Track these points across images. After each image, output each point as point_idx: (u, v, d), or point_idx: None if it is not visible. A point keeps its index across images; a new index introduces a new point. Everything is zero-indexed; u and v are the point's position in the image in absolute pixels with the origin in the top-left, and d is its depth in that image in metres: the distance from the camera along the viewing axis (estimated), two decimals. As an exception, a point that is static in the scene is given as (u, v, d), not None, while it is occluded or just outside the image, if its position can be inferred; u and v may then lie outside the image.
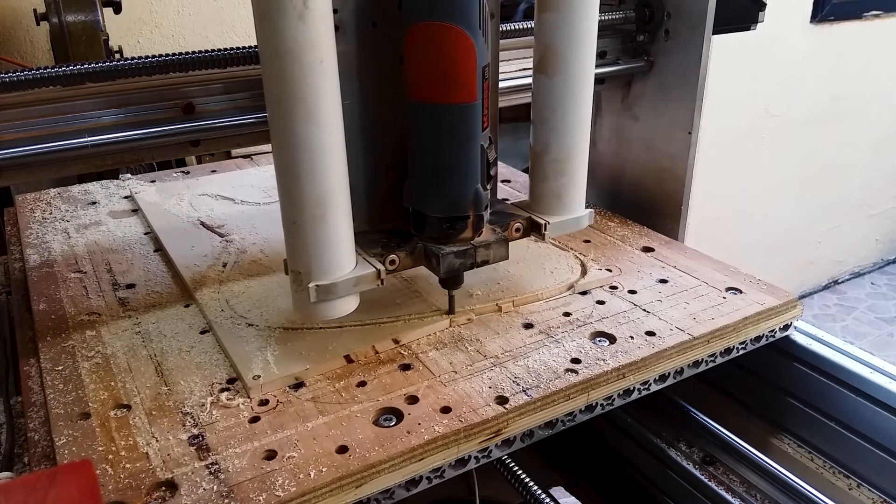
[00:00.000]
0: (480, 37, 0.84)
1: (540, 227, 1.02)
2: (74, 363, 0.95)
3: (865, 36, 3.69)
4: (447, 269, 0.93)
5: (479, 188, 0.92)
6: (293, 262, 0.87)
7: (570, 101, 0.98)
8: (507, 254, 0.98)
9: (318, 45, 0.76)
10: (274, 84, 0.77)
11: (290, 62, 0.75)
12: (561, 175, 1.01)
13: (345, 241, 0.87)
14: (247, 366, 0.92)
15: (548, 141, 1.00)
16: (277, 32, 0.74)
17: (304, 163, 0.80)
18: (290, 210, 0.83)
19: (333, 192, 0.83)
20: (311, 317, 0.90)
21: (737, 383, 1.26)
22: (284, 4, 0.73)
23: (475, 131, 0.89)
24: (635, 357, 0.95)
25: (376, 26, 0.92)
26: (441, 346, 0.98)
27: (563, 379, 0.91)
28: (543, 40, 0.97)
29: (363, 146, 0.97)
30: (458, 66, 0.85)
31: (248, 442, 0.81)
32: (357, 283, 0.88)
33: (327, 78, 0.78)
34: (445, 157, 0.90)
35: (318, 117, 0.78)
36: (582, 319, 1.04)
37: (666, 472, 1.24)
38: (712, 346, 1.02)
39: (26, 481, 0.67)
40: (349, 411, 0.86)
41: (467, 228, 0.94)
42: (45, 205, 1.47)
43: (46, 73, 0.99)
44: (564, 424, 0.92)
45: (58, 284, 1.15)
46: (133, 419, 0.85)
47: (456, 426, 0.83)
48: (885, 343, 3.73)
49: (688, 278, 1.15)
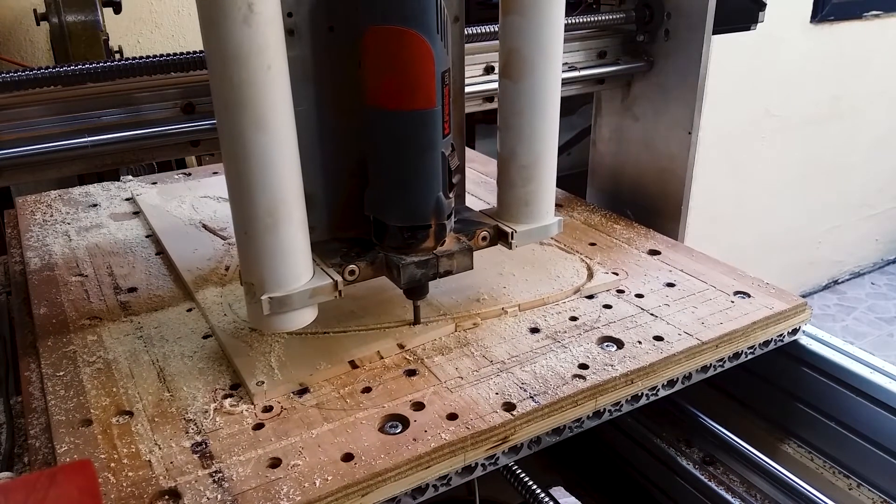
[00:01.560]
0: (439, 41, 0.82)
1: (507, 235, 0.99)
2: (76, 368, 0.94)
3: (865, 36, 3.69)
4: (408, 279, 0.91)
5: (441, 197, 0.89)
6: (245, 274, 0.84)
7: (537, 106, 0.95)
8: (472, 263, 0.95)
9: (265, 50, 0.73)
10: (220, 90, 0.75)
11: (235, 67, 0.73)
12: (528, 182, 0.99)
13: (299, 251, 0.84)
14: (250, 372, 0.91)
15: (514, 147, 0.98)
16: (222, 37, 0.72)
17: (252, 171, 0.77)
18: (241, 220, 0.81)
19: (285, 201, 0.80)
20: (267, 329, 0.87)
21: (742, 387, 1.25)
22: (228, 8, 0.70)
23: (435, 138, 0.86)
24: (644, 363, 0.94)
25: (334, 30, 0.89)
26: (447, 352, 0.97)
27: (571, 385, 0.90)
28: (508, 44, 0.94)
29: (322, 153, 0.93)
30: (416, 72, 0.82)
31: (253, 449, 0.80)
32: (313, 295, 0.85)
33: (276, 83, 0.75)
34: (404, 165, 0.87)
35: (267, 124, 0.76)
36: (589, 324, 1.03)
37: (666, 473, 1.23)
38: (721, 351, 1.01)
39: (26, 481, 0.67)
40: (354, 418, 0.85)
41: (429, 238, 0.91)
42: (45, 207, 1.46)
43: (46, 73, 0.98)
44: (572, 431, 0.91)
45: (59, 288, 1.14)
46: (135, 426, 0.84)
47: (463, 433, 0.82)
48: (884, 343, 3.73)
49: (695, 282, 1.14)
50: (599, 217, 1.39)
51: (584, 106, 3.12)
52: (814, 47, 3.54)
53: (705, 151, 1.56)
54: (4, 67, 1.96)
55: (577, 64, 1.39)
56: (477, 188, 1.53)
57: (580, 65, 1.39)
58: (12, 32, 2.31)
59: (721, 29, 1.30)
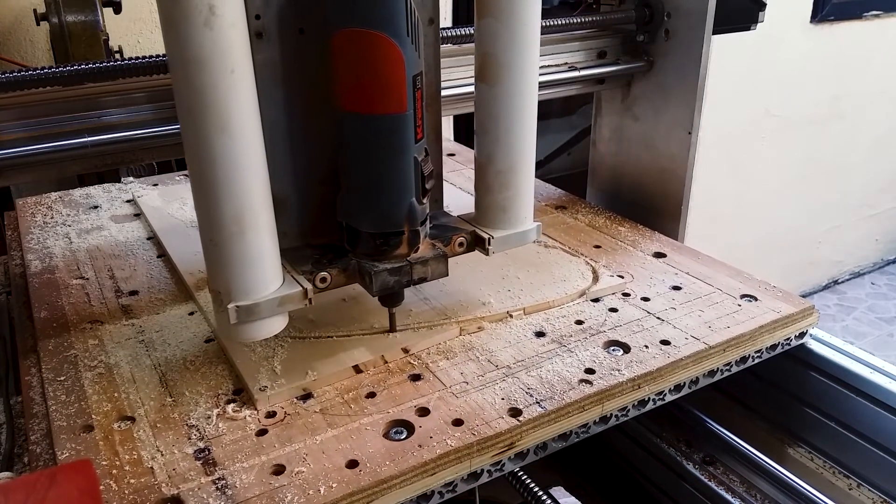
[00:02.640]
0: (410, 45, 0.80)
1: (484, 241, 0.97)
2: (77, 373, 0.93)
3: (865, 36, 3.70)
4: (380, 287, 0.89)
5: (414, 202, 0.88)
6: (212, 282, 0.82)
7: (513, 111, 0.93)
8: (447, 270, 0.93)
9: (227, 54, 0.71)
10: (183, 94, 0.73)
11: (197, 71, 0.71)
12: (505, 188, 0.97)
13: (267, 258, 0.82)
14: (253, 376, 0.90)
15: (491, 152, 0.96)
16: (183, 40, 0.70)
17: (217, 177, 0.75)
18: (206, 227, 0.79)
19: (252, 207, 0.78)
20: (235, 338, 0.85)
21: (746, 389, 1.24)
22: (189, 11, 0.69)
23: (406, 143, 0.85)
24: (650, 367, 0.93)
25: (304, 33, 0.87)
26: (451, 356, 0.96)
27: (578, 390, 0.89)
28: (483, 48, 0.92)
29: (292, 158, 0.92)
30: (385, 76, 0.80)
31: (256, 456, 0.79)
32: (282, 304, 0.83)
33: (240, 88, 0.73)
34: (376, 170, 0.86)
35: (231, 129, 0.74)
36: (595, 328, 1.02)
37: (666, 473, 1.22)
38: (728, 355, 1.00)
39: (26, 481, 0.67)
40: (359, 424, 0.84)
41: (402, 244, 0.90)
42: (46, 209, 1.45)
43: (46, 73, 0.98)
44: (578, 437, 0.90)
45: (59, 291, 1.13)
46: (137, 432, 0.83)
47: (469, 440, 0.81)
48: (885, 343, 3.73)
49: (701, 285, 1.13)
50: (604, 219, 1.38)
51: (584, 106, 3.12)
52: (814, 47, 3.54)
53: (705, 151, 1.56)
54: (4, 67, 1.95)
55: (577, 64, 1.38)
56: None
57: (580, 65, 1.39)
58: (12, 32, 2.30)
59: (721, 29, 1.30)
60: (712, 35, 1.29)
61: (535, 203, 1.44)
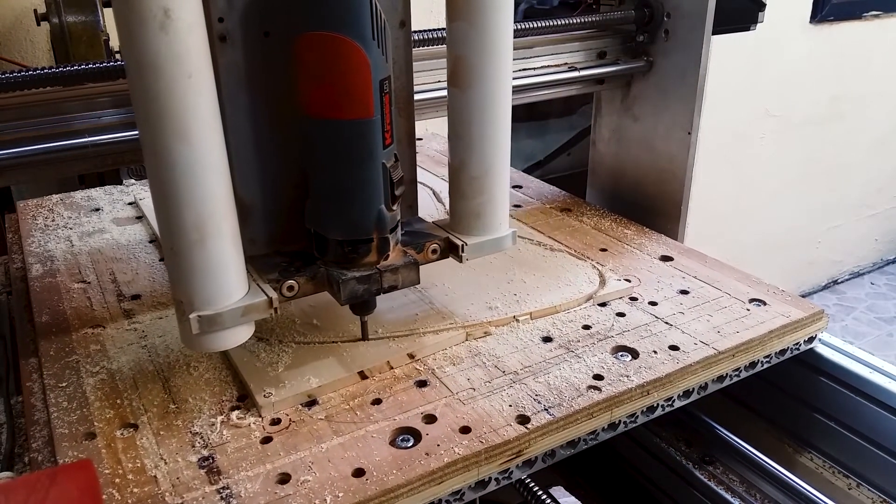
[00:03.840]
0: (376, 48, 0.78)
1: (457, 248, 0.95)
2: (79, 379, 0.92)
3: (865, 36, 3.69)
4: (349, 295, 0.87)
5: (383, 209, 0.86)
6: (174, 291, 0.80)
7: (486, 115, 0.92)
8: (418, 278, 0.91)
9: (185, 59, 0.69)
10: (140, 100, 0.71)
11: (154, 77, 0.69)
12: (479, 193, 0.95)
13: (230, 267, 0.79)
14: (258, 383, 0.89)
15: (464, 157, 0.94)
16: (138, 44, 0.68)
17: (176, 185, 0.73)
18: (167, 235, 0.77)
19: (213, 215, 0.76)
20: (198, 349, 0.83)
21: (751, 392, 1.23)
22: (144, 14, 0.67)
23: (374, 149, 0.83)
24: (659, 373, 0.92)
25: (269, 36, 0.84)
26: (458, 362, 0.95)
27: (587, 397, 0.88)
28: (454, 51, 0.90)
29: (259, 163, 0.89)
30: (350, 80, 0.79)
31: (261, 464, 0.78)
32: (246, 313, 0.81)
33: (199, 93, 0.71)
34: (342, 177, 0.84)
35: (190, 135, 0.72)
36: (602, 333, 1.01)
37: (666, 472, 1.22)
38: (737, 361, 0.99)
39: (27, 481, 0.67)
40: (365, 431, 0.83)
41: (371, 252, 0.87)
42: (47, 211, 1.44)
43: (46, 73, 0.97)
44: (587, 443, 0.89)
45: (61, 296, 1.12)
46: (140, 439, 0.82)
47: (477, 447, 0.80)
48: (884, 343, 3.73)
49: (709, 289, 1.12)
50: (609, 221, 1.37)
51: (584, 106, 3.11)
52: (814, 47, 3.54)
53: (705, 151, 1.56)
54: (4, 67, 1.94)
55: (577, 64, 1.38)
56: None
57: (580, 65, 1.39)
58: (12, 32, 2.29)
59: (721, 29, 1.30)
60: (712, 35, 1.29)
61: (539, 205, 1.45)
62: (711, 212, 3.34)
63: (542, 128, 3.52)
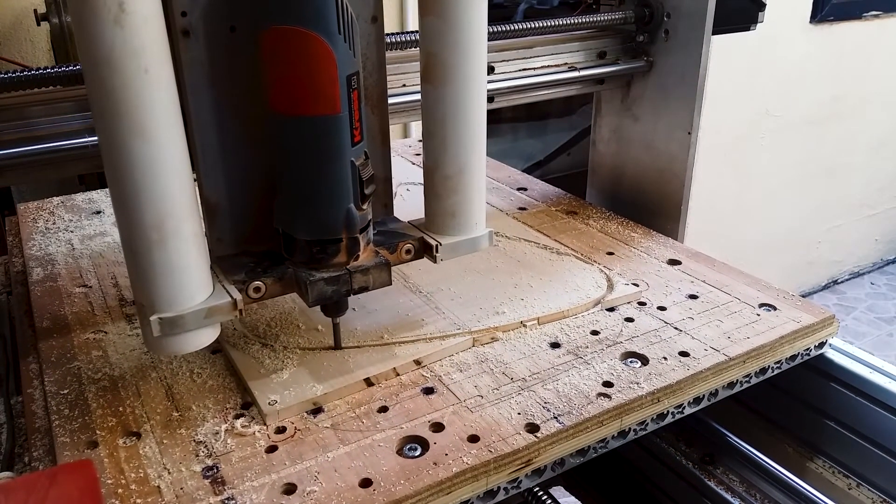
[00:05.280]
0: (342, 43, 0.76)
1: (432, 248, 0.93)
2: (80, 386, 0.91)
3: (865, 36, 3.68)
4: (317, 297, 0.84)
5: (352, 208, 0.84)
6: (135, 293, 0.78)
7: (460, 113, 0.89)
8: (390, 279, 0.89)
9: (140, 53, 0.67)
10: (95, 96, 0.69)
11: (108, 72, 0.67)
12: (453, 193, 0.93)
13: (192, 267, 0.77)
14: (262, 390, 0.88)
15: (437, 156, 0.92)
16: (92, 39, 0.66)
17: (134, 183, 0.71)
18: (126, 236, 0.75)
19: (173, 214, 0.74)
20: (160, 352, 0.81)
21: (759, 397, 1.21)
22: (97, 8, 0.65)
23: (342, 146, 0.81)
24: (670, 380, 0.91)
25: (235, 30, 0.82)
26: (465, 368, 0.93)
27: (596, 404, 0.86)
28: (427, 48, 0.88)
29: (224, 161, 0.87)
30: (316, 76, 0.76)
31: (266, 474, 0.77)
32: (209, 315, 0.79)
33: (156, 88, 0.69)
34: (309, 175, 0.82)
35: (147, 132, 0.70)
36: (611, 338, 0.99)
37: (666, 472, 1.21)
38: (748, 367, 0.98)
39: (27, 481, 0.66)
40: (371, 440, 0.81)
41: (340, 253, 0.85)
42: (48, 214, 1.42)
43: (46, 73, 0.96)
44: (596, 451, 0.88)
45: (62, 300, 1.10)
46: (143, 448, 0.80)
47: (485, 457, 0.78)
48: (884, 343, 3.72)
49: (718, 293, 1.10)
50: (616, 224, 1.35)
51: (584, 106, 3.10)
52: (813, 47, 3.53)
53: (705, 151, 1.55)
54: (4, 67, 1.93)
55: (577, 64, 1.38)
56: (489, 195, 1.50)
57: (580, 65, 1.38)
58: (12, 32, 2.28)
59: (721, 29, 1.29)
60: (712, 35, 1.29)
61: (544, 208, 1.43)
62: (711, 212, 3.34)
63: (542, 128, 3.51)
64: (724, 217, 3.53)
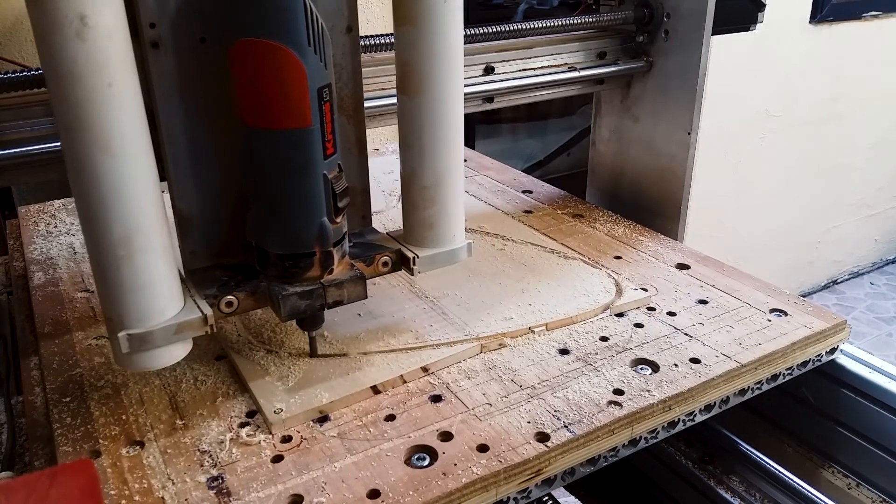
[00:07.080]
0: (312, 54, 0.75)
1: (409, 260, 0.92)
2: (83, 394, 0.89)
3: (865, 36, 3.68)
4: (290, 311, 0.83)
5: (325, 222, 0.82)
6: (103, 308, 0.77)
7: (436, 123, 0.88)
8: (365, 292, 0.87)
9: (104, 67, 0.66)
10: (58, 110, 0.68)
11: (71, 85, 0.65)
12: (431, 204, 0.92)
13: (162, 282, 0.76)
14: (268, 398, 0.86)
15: (414, 167, 0.91)
16: (55, 52, 0.64)
17: (100, 198, 0.70)
18: (94, 251, 0.73)
19: (140, 229, 0.73)
20: (130, 368, 0.80)
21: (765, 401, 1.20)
22: (59, 21, 0.63)
23: (313, 159, 0.79)
24: (681, 388, 0.89)
25: (206, 42, 0.80)
26: (473, 375, 0.92)
27: (607, 413, 0.85)
28: (402, 57, 0.87)
29: (197, 174, 0.85)
30: (285, 88, 0.75)
31: (272, 485, 0.75)
32: (179, 331, 0.77)
33: (121, 103, 0.68)
34: (281, 188, 0.80)
35: (112, 147, 0.68)
36: (621, 345, 0.98)
37: (666, 472, 1.20)
38: (759, 374, 0.96)
39: (27, 481, 0.66)
40: (379, 449, 0.80)
41: (314, 266, 0.84)
42: (49, 217, 1.41)
43: (46, 73, 0.94)
44: (607, 460, 0.86)
45: (63, 305, 1.09)
46: (147, 458, 0.79)
47: (495, 467, 0.77)
48: (884, 343, 3.72)
49: (728, 299, 1.09)
50: (623, 228, 1.34)
51: (584, 106, 3.09)
52: (813, 47, 3.52)
53: (705, 151, 1.55)
54: (4, 67, 1.91)
55: (576, 64, 1.38)
56: (495, 197, 1.49)
57: (580, 65, 1.38)
58: (12, 32, 2.26)
59: (720, 29, 1.29)
60: (712, 35, 1.28)
61: (550, 210, 1.42)
62: (711, 212, 3.33)
63: (542, 128, 3.50)
64: (723, 217, 3.53)
